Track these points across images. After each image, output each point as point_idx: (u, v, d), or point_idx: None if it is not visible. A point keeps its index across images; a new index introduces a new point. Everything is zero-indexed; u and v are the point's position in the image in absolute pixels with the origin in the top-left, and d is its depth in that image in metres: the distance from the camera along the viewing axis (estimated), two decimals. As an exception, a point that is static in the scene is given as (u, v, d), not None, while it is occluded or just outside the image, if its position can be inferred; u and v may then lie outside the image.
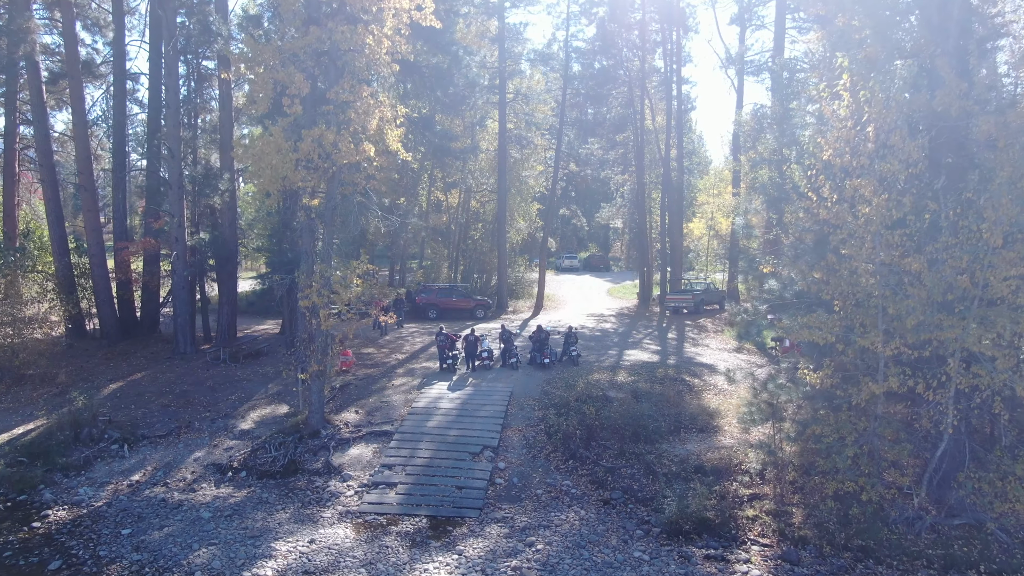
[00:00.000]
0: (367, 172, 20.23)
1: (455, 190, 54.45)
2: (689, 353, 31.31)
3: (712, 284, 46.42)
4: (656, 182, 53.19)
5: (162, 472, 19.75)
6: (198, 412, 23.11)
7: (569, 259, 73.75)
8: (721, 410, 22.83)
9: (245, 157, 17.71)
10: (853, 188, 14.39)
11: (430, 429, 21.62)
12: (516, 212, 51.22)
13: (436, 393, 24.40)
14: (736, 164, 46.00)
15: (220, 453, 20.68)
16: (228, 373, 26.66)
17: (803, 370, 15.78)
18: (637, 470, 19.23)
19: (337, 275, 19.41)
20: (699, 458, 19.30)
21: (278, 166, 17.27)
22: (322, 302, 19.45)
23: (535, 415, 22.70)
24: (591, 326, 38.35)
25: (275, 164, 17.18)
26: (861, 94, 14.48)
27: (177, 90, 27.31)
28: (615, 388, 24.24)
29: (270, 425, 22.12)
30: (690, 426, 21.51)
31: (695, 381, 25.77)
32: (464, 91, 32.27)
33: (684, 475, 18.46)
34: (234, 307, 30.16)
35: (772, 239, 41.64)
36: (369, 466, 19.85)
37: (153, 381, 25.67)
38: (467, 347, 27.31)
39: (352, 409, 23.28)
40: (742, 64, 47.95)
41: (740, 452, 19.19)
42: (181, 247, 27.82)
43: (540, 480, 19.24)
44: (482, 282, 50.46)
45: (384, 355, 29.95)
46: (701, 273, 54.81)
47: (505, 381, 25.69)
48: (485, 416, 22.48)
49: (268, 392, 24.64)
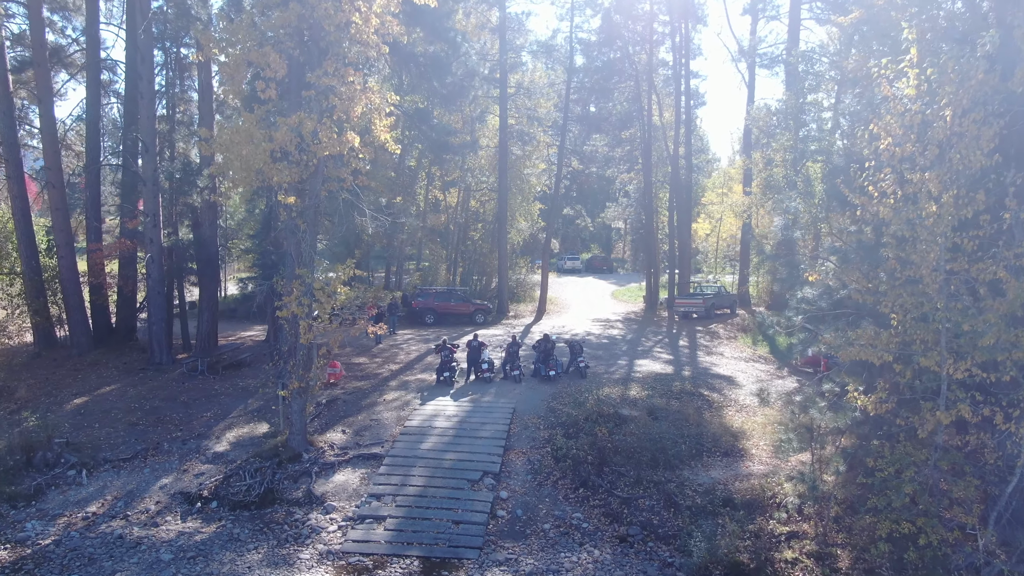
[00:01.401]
0: (354, 166, 18.07)
1: (454, 189, 52.32)
2: (704, 363, 29.17)
3: (723, 287, 44.29)
4: (663, 181, 51.09)
5: (123, 502, 17.58)
6: (169, 431, 20.94)
7: (571, 260, 71.59)
8: (746, 430, 20.69)
9: (213, 148, 15.61)
10: (919, 182, 12.23)
11: (424, 452, 19.46)
12: (517, 212, 49.08)
13: (432, 410, 22.24)
14: (748, 161, 43.85)
15: (190, 480, 18.52)
16: (205, 386, 24.48)
17: (853, 393, 13.61)
18: (657, 501, 17.07)
19: (319, 282, 17.23)
20: (726, 488, 17.15)
21: (250, 158, 15.11)
22: (302, 312, 17.31)
23: (540, 435, 20.55)
24: (597, 332, 36.22)
25: (246, 155, 15.02)
26: (929, 71, 12.33)
27: (152, 79, 25.12)
28: (628, 404, 22.08)
29: (247, 447, 19.96)
30: (713, 449, 19.36)
31: (714, 396, 23.62)
32: (463, 81, 30.13)
33: (711, 509, 16.31)
34: (215, 313, 27.98)
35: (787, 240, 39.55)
36: (355, 495, 17.70)
37: (122, 396, 23.49)
38: (469, 354, 25.17)
39: (339, 428, 21.12)
40: (754, 57, 45.84)
41: (773, 482, 17.02)
42: (156, 248, 25.65)
43: (547, 512, 17.09)
44: (482, 284, 48.31)
45: (376, 366, 27.79)
46: (710, 275, 52.63)
47: (507, 396, 23.53)
48: (485, 437, 20.33)
49: (247, 408, 22.47)
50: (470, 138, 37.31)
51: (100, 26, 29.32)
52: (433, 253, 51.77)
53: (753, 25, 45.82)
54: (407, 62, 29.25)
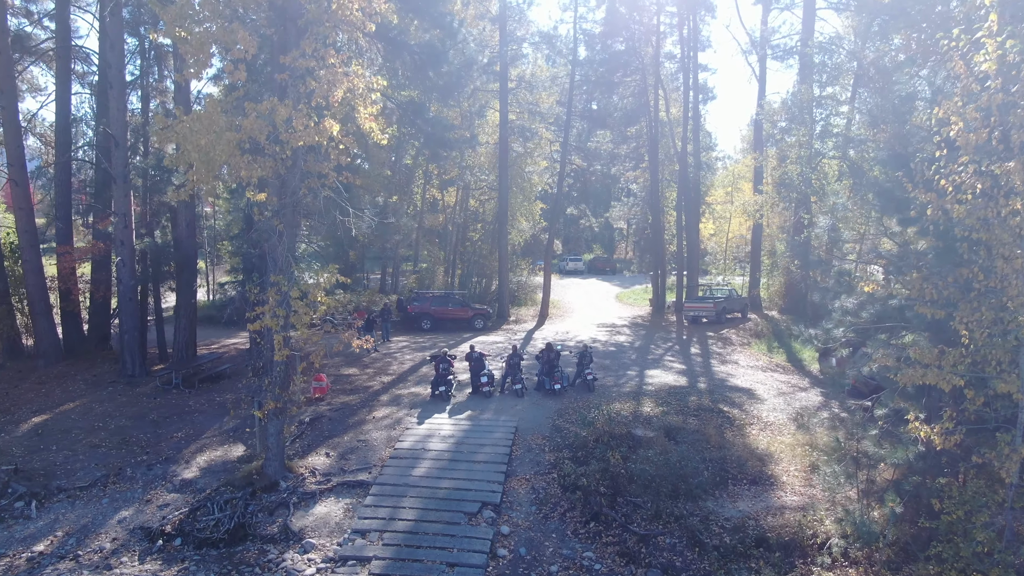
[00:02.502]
0: (336, 160, 16.04)
1: (452, 188, 50.37)
2: (719, 373, 27.14)
3: (734, 290, 42.26)
4: (669, 179, 49.09)
5: (75, 539, 15.54)
6: (134, 454, 18.91)
7: (574, 261, 69.54)
8: (773, 453, 18.66)
9: (167, 138, 13.61)
10: (1002, 174, 10.20)
11: (416, 479, 17.43)
12: (518, 211, 47.03)
13: (425, 430, 20.21)
14: (760, 156, 41.82)
15: (152, 512, 16.48)
16: (178, 402, 22.44)
17: (914, 423, 11.58)
18: (679, 539, 15.04)
19: (298, 290, 15.19)
20: (758, 524, 15.11)
21: (209, 148, 13.05)
22: (276, 324, 15.27)
23: (545, 459, 18.52)
24: (603, 339, 34.18)
25: (204, 146, 12.97)
26: (1009, 43, 10.31)
27: (121, 66, 23.10)
28: (642, 423, 20.05)
29: (219, 473, 17.93)
30: (739, 476, 17.32)
31: (735, 412, 21.59)
32: (460, 71, 28.07)
33: (742, 550, 14.27)
34: (193, 321, 25.95)
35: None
36: (338, 530, 15.67)
37: (86, 413, 21.45)
38: (473, 366, 23.12)
39: (322, 450, 19.09)
40: (766, 49, 43.81)
41: (812, 519, 14.97)
42: (127, 251, 23.64)
43: (554, 551, 15.07)
44: (481, 287, 46.28)
45: (367, 377, 25.74)
46: (719, 276, 50.58)
47: (508, 413, 21.51)
48: (484, 461, 18.30)
49: (222, 428, 20.43)
50: (469, 134, 35.27)
51: (71, 10, 27.28)
52: (431, 254, 49.76)
53: (764, 15, 43.75)
54: (400, 51, 27.18)
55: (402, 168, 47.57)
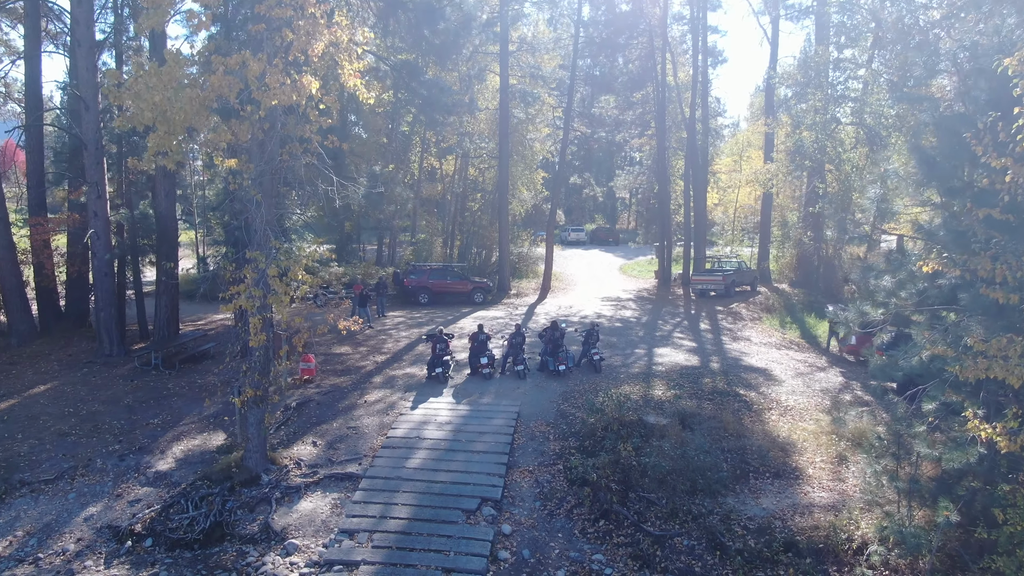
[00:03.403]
0: (319, 123, 14.39)
1: (451, 156, 48.46)
2: (732, 351, 25.71)
3: (744, 263, 40.69)
4: (676, 147, 47.28)
5: (36, 539, 14.21)
6: (105, 443, 17.51)
7: (575, 232, 67.76)
8: (795, 441, 17.26)
9: (120, 96, 11.99)
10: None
11: (410, 471, 16.05)
12: (519, 180, 45.23)
13: (421, 415, 18.81)
14: (772, 121, 39.95)
15: (122, 509, 15.12)
16: (157, 385, 21.02)
17: (973, 422, 10.12)
18: (697, 541, 13.69)
19: (275, 270, 13.65)
20: (785, 525, 13.75)
21: (165, 106, 11.42)
22: (252, 306, 13.76)
23: (550, 449, 17.14)
24: (609, 314, 32.72)
25: (159, 103, 11.34)
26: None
27: (90, 22, 21.31)
28: (653, 409, 18.64)
29: (196, 464, 16.55)
30: (761, 468, 15.92)
31: (752, 396, 20.18)
32: (458, 29, 26.20)
33: (769, 555, 12.91)
34: (174, 297, 24.39)
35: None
36: (324, 529, 14.32)
37: (57, 397, 20.04)
38: (475, 347, 21.63)
39: (309, 439, 17.70)
40: (779, 9, 41.68)
41: (845, 520, 13.59)
42: (101, 223, 22.05)
43: (561, 553, 13.74)
44: (481, 259, 44.65)
45: (360, 356, 24.30)
46: (726, 248, 48.97)
47: (510, 397, 20.10)
48: (484, 451, 16.91)
49: (202, 414, 19.00)
50: (467, 98, 33.49)
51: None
52: (429, 225, 48.08)
53: (778, -27, 41.56)
54: (394, 8, 25.37)
55: (398, 135, 45.70)
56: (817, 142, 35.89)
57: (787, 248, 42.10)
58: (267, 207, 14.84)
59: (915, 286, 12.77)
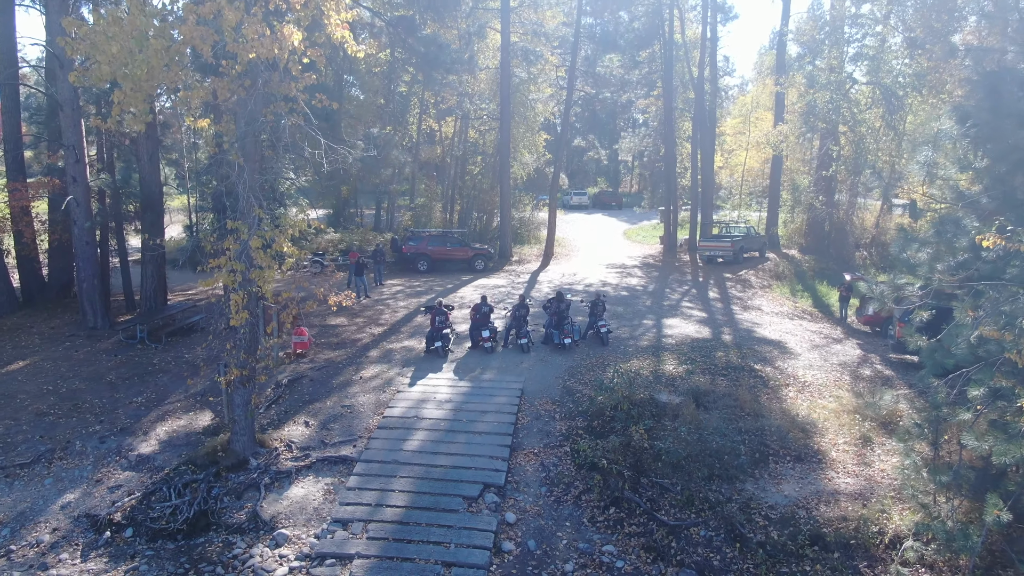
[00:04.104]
0: (307, 80, 13.14)
1: (450, 117, 47.06)
2: (743, 322, 24.70)
3: (752, 228, 39.47)
4: (683, 108, 45.74)
5: (9, 530, 13.29)
6: (86, 423, 16.56)
7: (578, 196, 66.37)
8: (815, 421, 16.28)
9: (77, 47, 10.73)
10: None
11: (408, 454, 15.11)
12: (521, 143, 43.81)
13: (419, 392, 17.84)
14: (785, 80, 38.37)
15: (102, 496, 14.21)
16: (141, 360, 20.02)
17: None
18: (715, 532, 12.77)
19: (258, 241, 12.50)
20: (809, 515, 12.81)
21: (126, 59, 10.15)
22: (233, 281, 12.66)
23: (556, 429, 16.19)
24: (614, 282, 31.67)
25: (117, 55, 10.07)
26: None
27: (62, -31, 19.89)
28: (665, 386, 17.67)
29: (181, 447, 15.61)
30: (781, 451, 14.96)
31: (767, 371, 19.18)
32: (456, -20, 24.68)
33: (793, 548, 11.99)
34: (161, 266, 23.27)
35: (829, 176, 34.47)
36: (316, 518, 13.42)
37: (36, 373, 19.05)
38: (477, 321, 20.56)
39: (301, 418, 16.74)
40: (792, -37, 39.90)
41: (874, 510, 12.65)
42: (81, 189, 20.87)
43: (568, 544, 12.83)
44: (481, 224, 43.42)
45: (356, 328, 23.29)
46: (734, 212, 47.71)
47: (514, 372, 19.12)
48: (486, 431, 15.95)
49: (189, 392, 18.00)
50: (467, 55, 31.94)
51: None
52: (428, 189, 46.76)
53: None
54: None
55: (396, 97, 44.17)
56: (832, 102, 34.45)
57: (797, 213, 40.87)
58: (250, 172, 13.65)
59: (954, 258, 11.65)
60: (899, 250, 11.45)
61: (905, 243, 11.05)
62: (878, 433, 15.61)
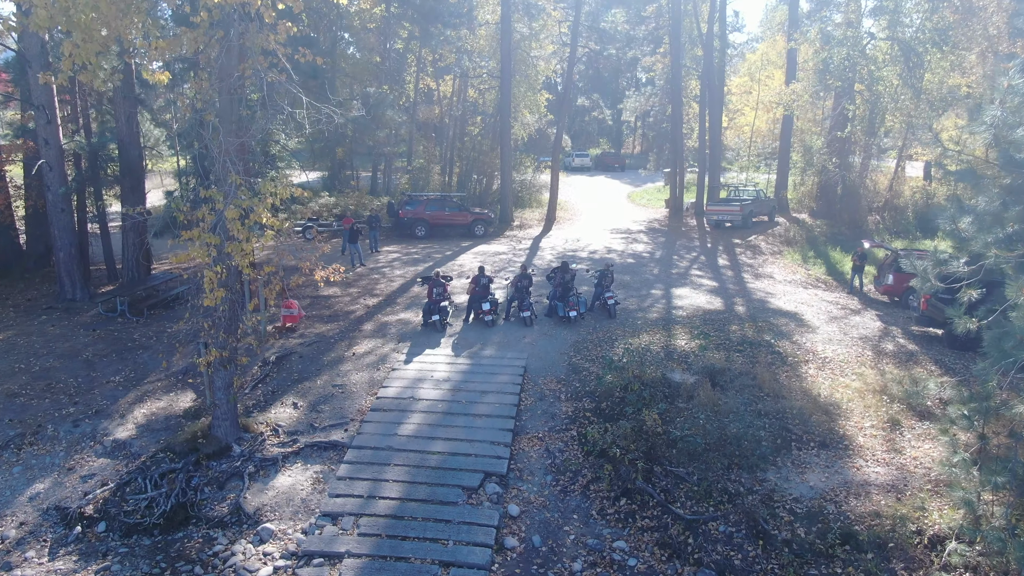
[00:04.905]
0: (286, 31, 11.79)
1: (449, 76, 45.33)
2: (756, 292, 23.55)
3: (762, 192, 38.07)
4: (691, 66, 44.00)
5: (-28, 524, 12.34)
6: (60, 405, 15.50)
7: (580, 158, 64.69)
8: (839, 402, 15.21)
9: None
10: None
11: (402, 440, 14.07)
12: (522, 103, 42.18)
13: (415, 370, 16.75)
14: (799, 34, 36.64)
15: (74, 485, 13.20)
16: (121, 335, 18.90)
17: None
18: (736, 527, 11.77)
19: (234, 211, 11.26)
20: (838, 510, 11.79)
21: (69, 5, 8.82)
22: (206, 256, 11.47)
23: (562, 411, 15.14)
24: (619, 248, 30.46)
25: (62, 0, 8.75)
26: None
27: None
28: (678, 362, 16.58)
29: (160, 432, 14.58)
30: (804, 437, 13.89)
31: (785, 346, 18.08)
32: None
33: (821, 547, 10.99)
34: (142, 234, 21.99)
35: (844, 137, 32.99)
36: (304, 510, 12.42)
37: (8, 350, 17.94)
38: (477, 293, 19.39)
39: (289, 399, 15.68)
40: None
41: (909, 505, 11.62)
42: (54, 152, 19.55)
43: (576, 540, 11.85)
44: (481, 187, 41.98)
45: (349, 300, 22.15)
46: (741, 174, 46.24)
47: (516, 348, 18.02)
48: (487, 414, 14.89)
49: (170, 370, 16.91)
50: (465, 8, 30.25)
51: None
52: (426, 151, 45.20)
53: None
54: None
55: (392, 54, 42.46)
56: (848, 59, 32.83)
57: (808, 176, 39.40)
58: (225, 134, 12.36)
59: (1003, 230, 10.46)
60: (950, 221, 10.21)
61: (958, 213, 9.81)
62: (907, 416, 14.57)
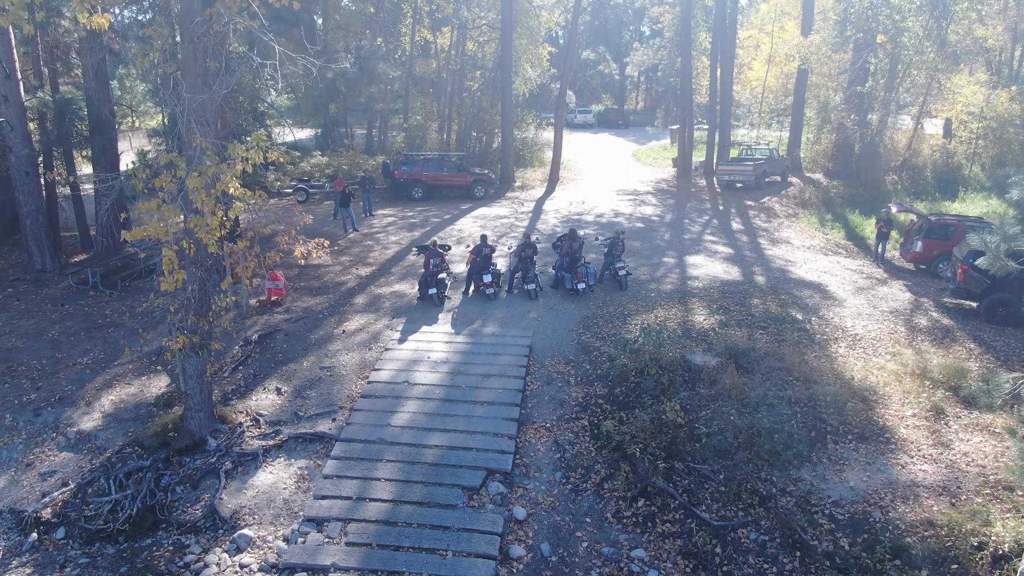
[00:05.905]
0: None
1: (446, 28, 43.09)
2: (775, 259, 22.10)
3: (775, 151, 36.29)
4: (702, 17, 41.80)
5: (-83, 530, 11.08)
6: (21, 391, 14.15)
7: (582, 114, 62.59)
8: (874, 386, 13.84)
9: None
10: None
11: (396, 431, 12.74)
12: (523, 56, 40.10)
13: (411, 351, 15.36)
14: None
15: (32, 483, 11.92)
16: (91, 310, 17.48)
17: None
18: (768, 535, 10.48)
19: (198, 180, 9.72)
20: (885, 517, 10.46)
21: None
22: (164, 233, 9.97)
23: (572, 397, 13.80)
24: (627, 211, 28.89)
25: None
26: None
27: None
28: (697, 341, 15.21)
29: (129, 422, 13.24)
30: (839, 427, 12.53)
31: (812, 322, 16.64)
32: None
33: (868, 562, 9.69)
34: (117, 200, 20.37)
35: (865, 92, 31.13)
36: (286, 513, 11.15)
37: (-31, 328, 16.57)
38: (478, 263, 17.89)
39: (272, 384, 14.32)
40: None
41: (966, 512, 10.30)
42: (15, 110, 17.91)
43: (590, 547, 10.61)
44: (481, 146, 40.13)
45: (341, 269, 20.68)
46: (753, 132, 44.35)
47: (520, 325, 16.61)
48: (489, 401, 13.55)
49: (142, 350, 15.52)
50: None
51: None
52: (423, 107, 43.21)
53: None
54: None
55: (387, 4, 40.20)
56: (871, 7, 30.84)
57: (824, 133, 37.57)
58: (190, 88, 10.76)
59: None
60: None
61: None
62: (951, 403, 13.23)
